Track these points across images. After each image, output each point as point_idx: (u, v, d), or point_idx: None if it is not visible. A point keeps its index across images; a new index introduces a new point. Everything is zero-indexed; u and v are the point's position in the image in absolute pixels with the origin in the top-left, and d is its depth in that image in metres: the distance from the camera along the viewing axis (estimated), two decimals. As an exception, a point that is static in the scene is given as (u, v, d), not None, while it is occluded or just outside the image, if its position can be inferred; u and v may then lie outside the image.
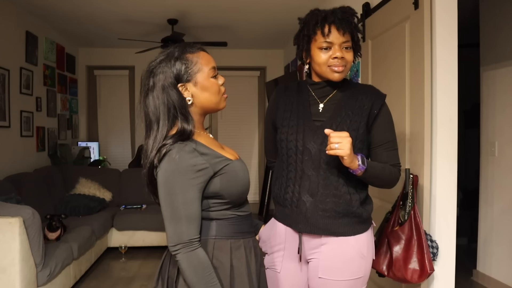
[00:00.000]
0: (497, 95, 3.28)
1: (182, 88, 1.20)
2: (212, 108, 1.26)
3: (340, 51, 1.41)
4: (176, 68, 1.19)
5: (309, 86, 1.55)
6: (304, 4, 3.32)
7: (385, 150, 1.48)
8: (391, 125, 1.50)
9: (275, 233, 1.54)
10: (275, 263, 1.54)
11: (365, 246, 1.45)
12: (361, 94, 1.48)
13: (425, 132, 2.09)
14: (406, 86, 2.28)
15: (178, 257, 1.11)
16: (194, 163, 1.12)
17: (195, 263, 1.10)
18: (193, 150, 1.13)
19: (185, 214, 1.11)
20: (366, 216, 1.48)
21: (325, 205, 1.42)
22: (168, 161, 1.12)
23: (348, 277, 1.42)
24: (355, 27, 1.45)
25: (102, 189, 4.56)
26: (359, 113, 1.45)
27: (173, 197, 1.11)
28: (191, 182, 1.11)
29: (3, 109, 3.75)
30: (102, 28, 4.91)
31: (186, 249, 1.10)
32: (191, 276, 1.10)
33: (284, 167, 1.51)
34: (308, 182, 1.44)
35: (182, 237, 1.10)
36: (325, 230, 1.43)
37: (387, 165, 1.47)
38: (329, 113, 1.48)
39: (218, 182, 1.16)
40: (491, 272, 3.28)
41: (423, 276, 1.88)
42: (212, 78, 1.23)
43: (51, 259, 2.75)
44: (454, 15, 2.10)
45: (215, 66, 1.25)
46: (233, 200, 1.21)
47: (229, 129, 6.28)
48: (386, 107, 1.49)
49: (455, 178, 2.12)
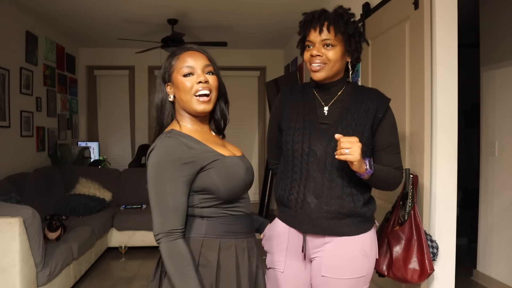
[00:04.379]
0: (497, 95, 3.28)
1: (168, 87, 1.28)
2: (186, 107, 1.26)
3: (317, 48, 1.42)
4: (163, 68, 1.29)
5: (313, 88, 1.55)
6: (304, 4, 3.32)
7: (388, 153, 1.49)
8: (395, 129, 1.52)
9: (277, 233, 1.55)
10: (278, 262, 1.54)
11: (368, 245, 1.46)
12: (366, 98, 1.48)
13: (425, 132, 2.09)
14: (406, 86, 2.28)
15: (160, 246, 1.15)
16: (180, 156, 1.15)
17: (173, 253, 1.13)
18: (181, 144, 1.17)
19: (169, 205, 1.14)
20: (370, 216, 1.49)
21: (330, 207, 1.42)
22: (156, 153, 1.16)
23: (351, 275, 1.42)
24: (335, 22, 1.41)
25: (102, 189, 4.55)
26: (364, 117, 1.45)
27: (158, 188, 1.15)
28: (176, 174, 1.15)
29: (3, 109, 3.75)
30: (102, 28, 4.91)
31: (167, 239, 1.13)
32: (168, 265, 1.13)
33: (289, 169, 1.51)
34: (313, 183, 1.44)
35: (164, 226, 1.14)
36: (329, 230, 1.44)
37: (391, 168, 1.48)
38: (335, 116, 1.48)
39: (207, 177, 1.18)
40: (491, 272, 3.28)
41: (423, 276, 1.88)
42: (183, 76, 1.24)
43: (51, 259, 2.75)
44: (454, 15, 2.10)
45: (191, 65, 1.24)
46: (221, 196, 1.20)
47: (229, 129, 6.11)
48: (390, 111, 1.50)
49: (455, 178, 2.12)
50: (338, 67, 1.46)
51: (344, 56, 1.46)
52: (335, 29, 1.41)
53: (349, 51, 1.45)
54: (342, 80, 1.51)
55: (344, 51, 1.45)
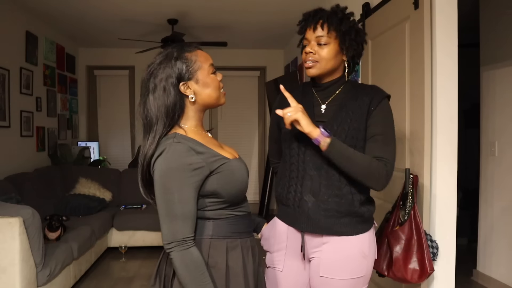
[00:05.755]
0: (497, 95, 3.28)
1: (184, 86, 1.22)
2: (213, 103, 1.29)
3: (311, 46, 1.44)
4: (177, 68, 1.21)
5: (312, 87, 1.56)
6: (304, 4, 3.32)
7: (373, 142, 1.43)
8: (387, 121, 1.45)
9: (276, 232, 1.55)
10: (277, 262, 1.54)
11: (366, 246, 1.46)
12: (361, 94, 1.48)
13: (425, 132, 2.09)
14: (406, 86, 2.28)
15: (172, 255, 1.12)
16: (190, 162, 1.13)
17: (188, 262, 1.11)
18: (189, 149, 1.15)
19: (180, 213, 1.12)
20: (368, 216, 1.48)
21: (327, 205, 1.42)
22: (164, 160, 1.13)
23: (349, 276, 1.42)
24: (328, 19, 1.42)
25: (102, 189, 4.55)
26: (358, 112, 1.45)
27: (168, 195, 1.12)
28: (187, 180, 1.12)
29: (3, 109, 3.75)
30: (102, 28, 4.91)
31: (180, 248, 1.11)
32: (183, 275, 1.11)
33: (287, 167, 1.52)
34: (310, 182, 1.44)
35: (176, 235, 1.11)
36: (327, 229, 1.43)
37: (368, 155, 1.40)
38: (331, 114, 1.48)
39: (215, 181, 1.17)
40: (491, 272, 3.28)
41: (423, 276, 1.88)
42: (212, 74, 1.26)
43: (51, 259, 2.75)
44: (454, 15, 2.10)
45: (213, 63, 1.28)
46: (229, 199, 1.21)
47: (229, 129, 6.28)
48: (385, 105, 1.46)
49: (455, 178, 2.12)
50: (332, 65, 1.46)
51: (339, 54, 1.46)
52: (328, 26, 1.42)
53: (343, 48, 1.45)
54: (340, 78, 1.51)
55: (338, 49, 1.45)
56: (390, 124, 1.46)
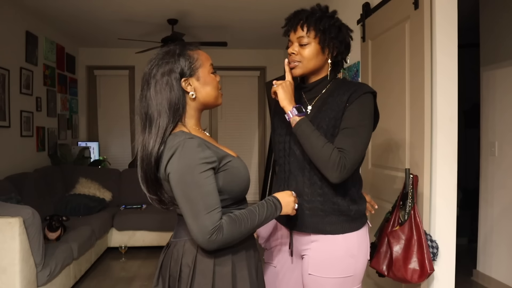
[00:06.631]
0: (497, 95, 3.28)
1: (185, 83, 1.23)
2: (211, 102, 1.30)
3: (293, 47, 1.48)
4: (180, 64, 1.23)
5: (301, 89, 1.57)
6: (304, 4, 3.31)
7: (340, 134, 1.39)
8: (360, 115, 1.39)
9: (272, 229, 1.63)
10: (273, 258, 1.60)
11: (355, 245, 1.45)
12: (343, 91, 1.44)
13: (425, 132, 2.09)
14: (406, 86, 2.28)
15: (218, 241, 1.12)
16: (205, 156, 1.13)
17: (233, 229, 1.14)
18: (201, 143, 1.15)
19: (205, 207, 1.11)
20: (356, 215, 1.46)
21: (311, 204, 1.44)
22: (179, 159, 1.12)
23: (337, 275, 1.43)
24: (307, 19, 1.43)
25: (102, 189, 4.55)
26: (336, 109, 1.42)
27: (190, 193, 1.11)
28: (205, 174, 1.12)
29: (3, 109, 3.75)
30: (102, 28, 4.91)
31: (218, 232, 1.11)
32: (241, 233, 1.16)
33: (279, 168, 1.57)
34: (295, 182, 1.47)
35: (207, 228, 1.10)
36: (313, 228, 1.45)
37: (330, 143, 1.37)
38: (312, 114, 1.48)
39: (220, 178, 1.17)
40: (491, 272, 3.28)
41: (423, 276, 1.88)
42: (212, 73, 1.29)
43: (51, 259, 2.75)
44: (454, 15, 2.10)
45: (212, 63, 1.31)
46: (233, 197, 1.22)
47: (229, 129, 6.28)
48: (363, 99, 1.40)
49: (455, 178, 2.12)
50: (314, 64, 1.46)
51: (321, 53, 1.45)
52: (307, 26, 1.43)
53: (323, 47, 1.44)
54: (325, 78, 1.50)
55: (319, 48, 1.44)
56: (362, 118, 1.39)
